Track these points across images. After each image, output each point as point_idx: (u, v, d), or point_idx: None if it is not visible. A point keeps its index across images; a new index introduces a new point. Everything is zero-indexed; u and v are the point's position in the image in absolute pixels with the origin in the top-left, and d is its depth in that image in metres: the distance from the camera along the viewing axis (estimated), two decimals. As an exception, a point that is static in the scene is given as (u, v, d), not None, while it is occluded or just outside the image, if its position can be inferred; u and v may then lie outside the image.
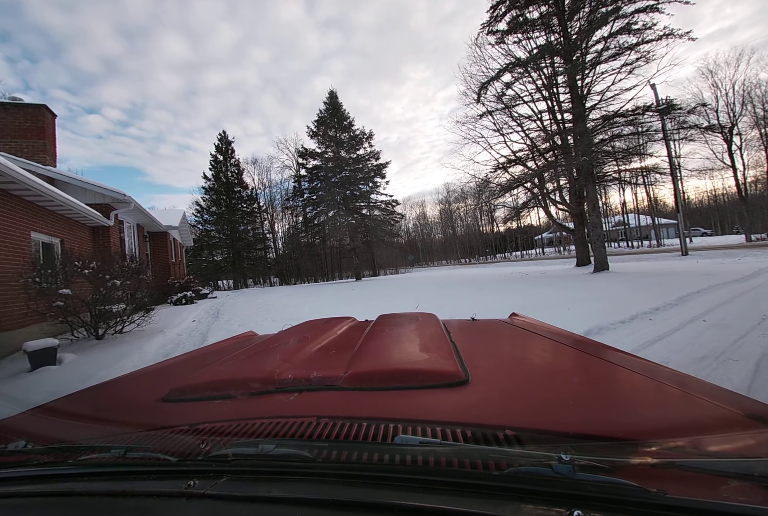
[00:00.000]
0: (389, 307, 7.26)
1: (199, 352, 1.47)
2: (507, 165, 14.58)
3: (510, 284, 10.39)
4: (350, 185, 23.10)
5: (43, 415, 0.87)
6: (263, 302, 10.58)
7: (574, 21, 11.63)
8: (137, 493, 0.49)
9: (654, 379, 0.78)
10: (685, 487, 0.41)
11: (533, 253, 49.41)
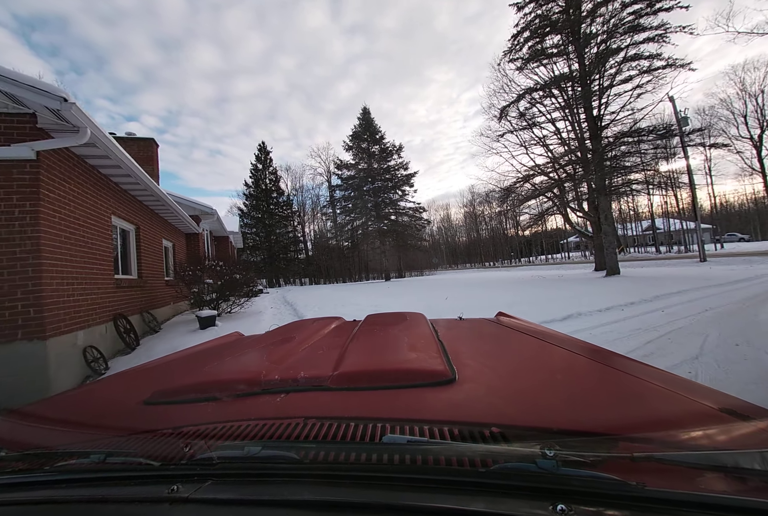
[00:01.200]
0: (423, 299, 8.97)
1: (183, 354, 1.43)
2: (529, 176, 15.82)
3: (523, 285, 11.79)
4: (381, 194, 25.01)
5: (18, 420, 0.84)
6: (318, 295, 12.55)
7: (590, 48, 12.87)
8: (118, 500, 0.47)
9: (634, 376, 0.80)
10: (663, 480, 0.42)
11: (559, 257, 49.31)
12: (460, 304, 7.44)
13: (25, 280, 3.15)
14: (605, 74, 12.82)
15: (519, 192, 16.35)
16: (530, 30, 13.57)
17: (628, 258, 28.21)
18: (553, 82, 13.01)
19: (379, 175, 25.38)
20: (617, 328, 4.69)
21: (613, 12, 11.83)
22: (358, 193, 25.38)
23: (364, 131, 26.06)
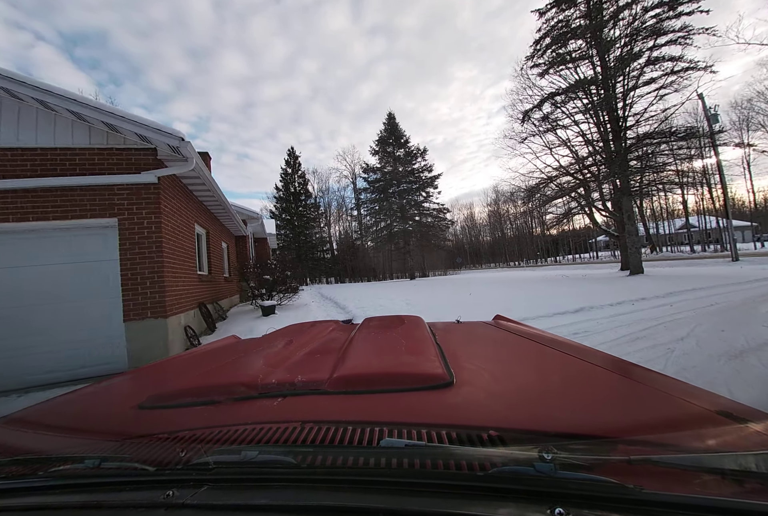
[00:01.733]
0: (449, 295, 9.73)
1: (180, 358, 1.43)
2: (552, 177, 16.10)
3: (543, 283, 12.29)
4: (406, 196, 25.87)
5: (11, 426, 0.84)
6: (351, 291, 13.57)
7: (612, 51, 13.12)
8: (113, 505, 0.47)
9: (632, 379, 0.81)
10: (661, 483, 0.42)
11: (587, 256, 48.20)
12: (482, 299, 8.16)
13: (152, 273, 4.25)
14: (629, 76, 13.03)
15: (543, 192, 16.64)
16: (551, 37, 13.96)
17: (659, 257, 27.50)
18: (575, 86, 13.35)
19: (404, 177, 26.30)
20: (622, 318, 5.30)
21: (635, 16, 12.07)
22: (384, 196, 26.44)
23: (389, 136, 27.12)
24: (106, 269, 4.22)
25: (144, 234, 4.26)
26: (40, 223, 4.09)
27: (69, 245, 4.23)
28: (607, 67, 13.04)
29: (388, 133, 27.29)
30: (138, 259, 4.23)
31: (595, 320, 5.30)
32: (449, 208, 41.39)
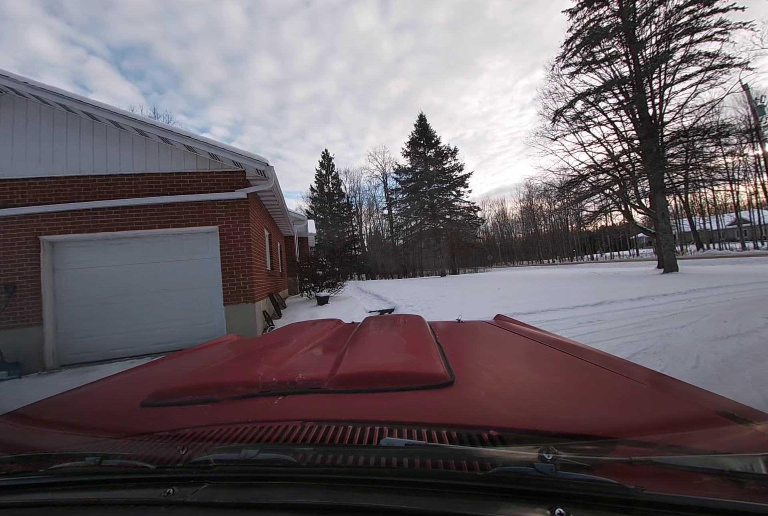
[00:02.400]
0: (478, 290, 10.50)
1: (181, 355, 1.43)
2: (584, 175, 16.18)
3: (571, 280, 12.70)
4: (437, 195, 26.55)
5: (13, 422, 0.84)
6: (387, 286, 14.63)
7: (645, 49, 13.11)
8: (114, 502, 0.48)
9: (632, 379, 0.80)
10: (661, 483, 0.42)
11: (626, 254, 46.25)
12: (509, 294, 8.86)
13: (244, 268, 5.47)
14: (665, 72, 12.97)
15: (579, 189, 16.71)
16: (582, 37, 14.12)
17: (703, 255, 26.25)
18: (607, 85, 13.48)
19: (434, 177, 26.99)
20: (636, 311, 5.90)
21: (668, 13, 12.05)
22: (415, 195, 27.30)
23: (420, 137, 27.92)
24: (210, 265, 5.50)
25: (237, 238, 5.48)
26: (162, 230, 5.42)
27: (182, 247, 5.55)
28: (639, 65, 13.07)
29: (419, 134, 28.09)
30: (233, 257, 5.46)
31: (612, 312, 5.94)
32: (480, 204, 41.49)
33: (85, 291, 5.40)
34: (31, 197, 5.21)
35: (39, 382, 4.56)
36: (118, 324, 5.39)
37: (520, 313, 6.29)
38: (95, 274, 5.42)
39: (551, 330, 4.49)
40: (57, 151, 5.32)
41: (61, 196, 5.25)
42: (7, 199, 5.18)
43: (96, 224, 5.27)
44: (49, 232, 5.21)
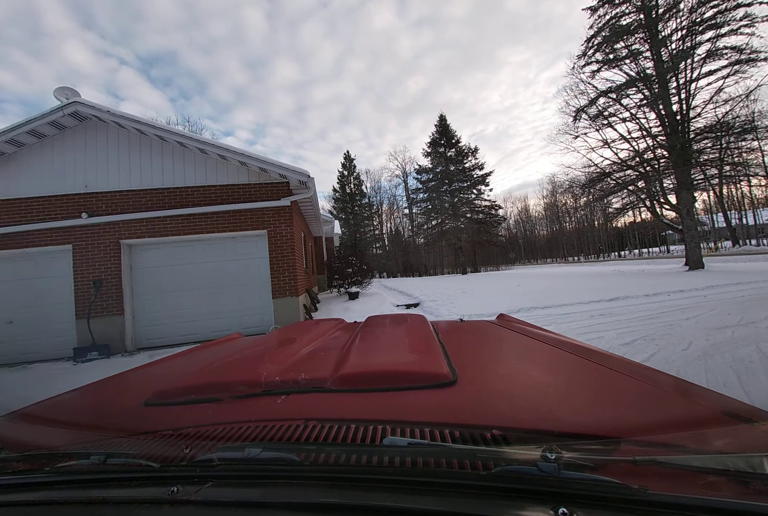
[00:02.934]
0: (499, 286, 10.97)
1: (185, 355, 1.45)
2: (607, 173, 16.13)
3: (592, 277, 12.89)
4: (458, 194, 26.89)
5: (18, 421, 0.85)
6: (410, 284, 15.27)
7: (669, 45, 13.03)
8: (118, 501, 0.48)
9: (636, 379, 0.80)
10: (665, 483, 0.42)
11: (656, 251, 44.63)
12: (528, 289, 9.30)
13: (288, 266, 6.27)
14: (690, 68, 12.87)
15: (601, 187, 16.67)
16: (601, 36, 14.17)
17: (738, 252, 25.25)
18: (629, 83, 13.50)
19: (455, 176, 27.33)
20: (649, 305, 6.27)
21: (692, 8, 11.98)
22: (436, 195, 27.75)
23: (440, 137, 28.32)
24: (260, 264, 6.35)
25: (282, 240, 6.29)
26: (220, 234, 6.30)
27: (236, 248, 6.42)
28: (662, 61, 13.02)
29: (440, 134, 28.49)
30: (279, 256, 6.28)
31: (624, 307, 6.34)
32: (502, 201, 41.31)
33: (156, 286, 6.37)
34: (113, 207, 6.22)
35: (124, 360, 5.52)
36: (182, 314, 6.34)
37: (536, 307, 6.79)
38: (164, 272, 6.39)
39: (564, 321, 5.05)
40: (133, 167, 6.30)
41: (137, 206, 6.22)
42: (94, 209, 6.21)
43: (165, 229, 6.22)
44: (128, 236, 6.20)
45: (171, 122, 38.79)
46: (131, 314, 6.22)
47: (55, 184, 6.23)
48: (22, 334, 6.12)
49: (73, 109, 5.99)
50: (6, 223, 6.09)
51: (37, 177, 6.24)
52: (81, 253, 6.12)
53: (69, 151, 6.30)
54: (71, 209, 6.17)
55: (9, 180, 6.20)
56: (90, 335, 5.87)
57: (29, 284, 6.22)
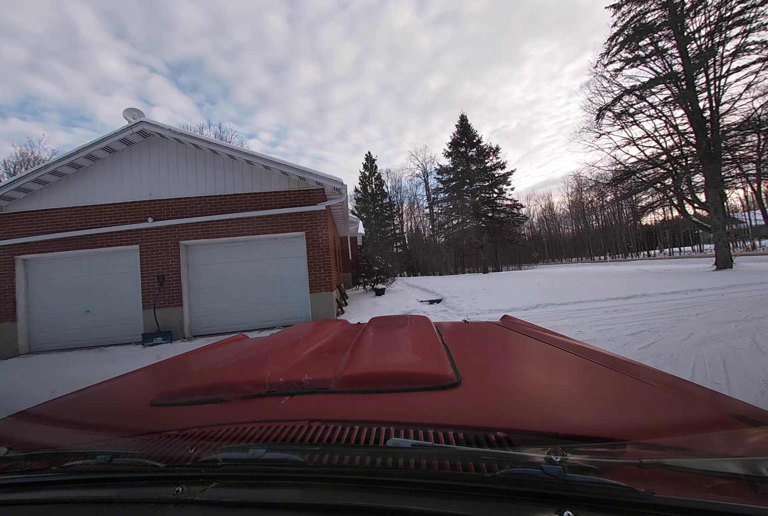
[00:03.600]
0: (518, 284, 11.32)
1: (189, 355, 1.46)
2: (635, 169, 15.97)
3: (613, 277, 13.02)
4: (479, 193, 27.07)
5: (26, 421, 0.86)
6: (432, 281, 15.83)
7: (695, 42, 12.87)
8: (124, 500, 0.48)
9: (642, 381, 0.80)
10: (673, 487, 0.42)
11: (688, 250, 42.83)
12: (547, 287, 9.63)
13: (324, 264, 6.99)
14: (720, 64, 12.67)
15: (626, 185, 16.53)
16: (625, 34, 14.12)
17: (777, 251, 24.12)
18: (653, 82, 13.43)
19: (476, 175, 27.53)
20: (665, 303, 6.55)
21: (719, 4, 11.82)
22: (457, 194, 28.04)
23: (461, 137, 28.58)
24: (298, 262, 7.10)
25: (318, 241, 7.01)
26: (263, 236, 7.09)
27: (277, 248, 7.21)
28: (688, 58, 12.88)
29: (461, 134, 28.76)
30: (315, 255, 7.00)
31: (639, 304, 6.65)
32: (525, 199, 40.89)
33: (208, 281, 7.25)
34: (173, 212, 7.13)
35: (184, 345, 6.39)
36: (231, 306, 7.18)
37: (554, 303, 7.19)
38: (216, 269, 7.25)
39: (578, 316, 5.54)
40: (190, 177, 7.19)
41: (193, 211, 7.11)
42: (157, 214, 7.14)
43: (217, 232, 7.07)
44: (186, 237, 7.09)
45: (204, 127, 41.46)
46: (188, 305, 7.12)
47: (124, 192, 7.21)
48: (97, 322, 7.15)
49: (140, 127, 6.93)
50: (84, 227, 7.12)
51: (108, 186, 7.24)
52: (146, 252, 7.07)
53: (135, 163, 7.27)
54: (138, 214, 7.13)
55: (86, 190, 7.24)
56: (155, 323, 6.80)
57: (103, 279, 7.24)
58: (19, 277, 7.13)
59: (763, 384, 2.63)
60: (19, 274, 7.14)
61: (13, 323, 6.98)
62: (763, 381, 2.68)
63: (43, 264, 7.29)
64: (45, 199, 7.22)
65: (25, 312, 7.13)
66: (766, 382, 2.66)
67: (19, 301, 7.06)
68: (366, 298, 9.14)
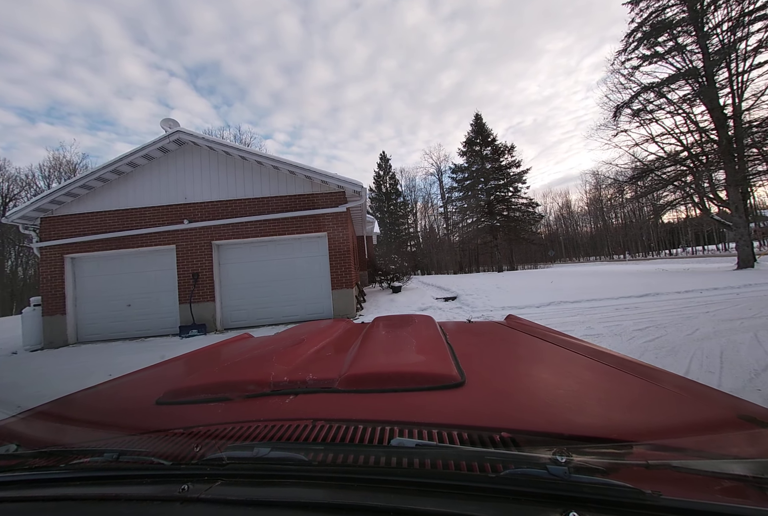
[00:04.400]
0: (532, 283, 11.49)
1: (195, 355, 1.47)
2: (650, 169, 15.82)
3: (629, 276, 13.03)
4: (494, 192, 27.09)
5: (35, 419, 0.87)
6: (446, 280, 16.08)
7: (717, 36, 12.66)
8: (130, 497, 0.49)
9: (648, 381, 0.79)
10: (680, 489, 0.42)
11: (713, 249, 41.49)
12: (561, 286, 9.80)
13: (344, 262, 7.43)
14: (742, 60, 12.44)
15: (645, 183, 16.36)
16: (642, 31, 13.99)
17: (807, 249, 23.25)
18: (671, 79, 13.29)
19: (491, 174, 27.55)
20: (677, 301, 6.69)
21: (741, 0, 11.64)
22: (472, 193, 28.13)
23: (476, 136, 28.66)
24: (321, 261, 7.57)
25: (339, 240, 7.45)
26: (288, 236, 7.58)
27: (301, 247, 7.69)
28: (708, 54, 12.69)
29: (475, 133, 28.83)
30: (337, 254, 7.45)
31: (652, 302, 6.81)
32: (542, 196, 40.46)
33: (237, 278, 7.79)
34: (206, 215, 7.70)
35: (217, 336, 6.93)
36: (258, 301, 7.71)
37: (566, 301, 7.41)
38: (244, 267, 7.79)
39: (590, 313, 5.84)
40: (221, 182, 7.74)
41: (224, 214, 7.66)
42: (192, 216, 7.72)
43: (246, 232, 7.60)
44: (218, 238, 7.65)
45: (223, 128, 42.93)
46: (220, 301, 7.68)
47: (162, 196, 7.82)
48: (137, 315, 7.79)
49: (176, 136, 7.51)
50: (126, 228, 7.77)
51: (147, 191, 7.86)
52: (182, 251, 7.66)
53: (172, 169, 7.87)
54: (174, 216, 7.72)
55: (127, 194, 7.88)
56: (191, 317, 7.38)
57: (143, 276, 7.88)
58: (67, 274, 7.84)
59: (753, 373, 2.88)
60: (67, 272, 7.85)
61: (63, 316, 7.69)
62: (753, 370, 2.93)
63: (88, 262, 7.98)
64: (90, 203, 7.90)
65: (73, 306, 7.84)
66: (756, 371, 2.91)
67: (68, 296, 7.76)
68: (383, 296, 9.54)
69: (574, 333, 4.71)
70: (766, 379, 2.76)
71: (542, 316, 6.23)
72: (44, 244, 7.74)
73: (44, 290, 7.67)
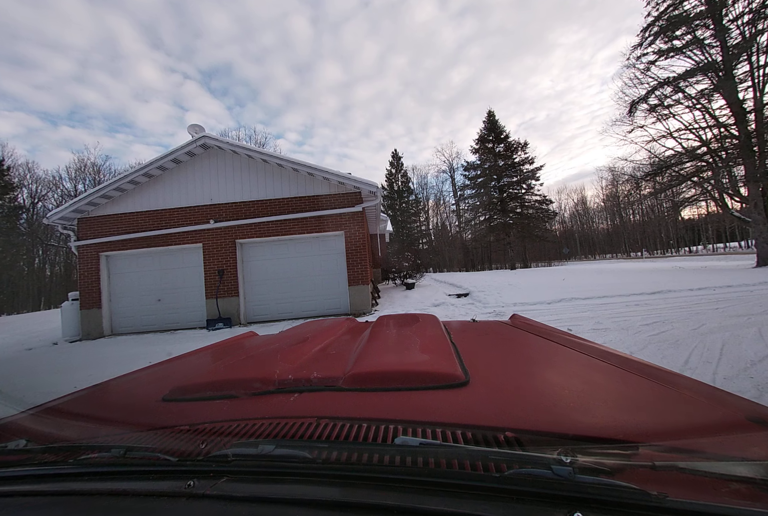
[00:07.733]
0: (544, 280, 11.61)
1: (201, 352, 1.48)
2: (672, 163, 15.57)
3: (642, 273, 13.03)
4: (507, 189, 27.01)
5: (44, 415, 0.88)
6: (458, 277, 16.30)
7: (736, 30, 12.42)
8: (137, 493, 0.50)
9: (655, 382, 0.79)
10: (686, 490, 0.41)
11: (735, 246, 40.23)
12: (573, 284, 9.92)
13: (360, 260, 7.77)
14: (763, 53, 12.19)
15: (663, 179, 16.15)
16: (658, 25, 13.80)
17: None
18: (689, 73, 13.10)
19: (504, 171, 27.46)
20: (688, 298, 6.79)
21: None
22: (484, 190, 28.11)
23: (489, 133, 28.57)
24: (338, 258, 7.93)
25: (355, 239, 7.79)
26: (307, 235, 7.96)
27: (319, 245, 8.06)
28: (727, 48, 12.46)
29: (488, 130, 28.74)
30: (353, 252, 7.79)
31: (663, 299, 6.92)
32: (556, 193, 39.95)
33: (259, 275, 8.22)
34: (230, 215, 8.14)
35: (241, 330, 7.37)
36: (279, 297, 8.12)
37: (577, 298, 7.57)
38: (266, 264, 8.22)
39: (599, 309, 6.08)
40: (244, 184, 8.17)
41: (247, 214, 8.08)
42: (217, 216, 8.17)
43: (268, 231, 8.01)
44: (241, 236, 8.08)
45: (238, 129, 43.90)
46: (243, 296, 8.13)
47: (189, 197, 8.30)
48: (167, 309, 8.31)
49: (203, 142, 7.96)
50: (156, 228, 8.28)
51: (176, 193, 8.35)
52: (208, 250, 8.13)
53: (198, 172, 8.33)
54: (201, 216, 8.19)
55: (157, 195, 8.39)
56: (217, 311, 7.85)
57: (171, 272, 8.39)
58: (102, 271, 8.41)
59: (749, 363, 3.08)
60: (102, 269, 8.42)
61: (99, 310, 8.27)
62: (750, 361, 3.12)
63: (121, 260, 8.54)
64: (123, 204, 8.45)
65: (108, 300, 8.41)
66: (752, 361, 3.10)
67: (103, 291, 8.34)
68: (397, 292, 9.85)
69: (582, 327, 4.93)
70: (761, 368, 2.95)
71: (553, 311, 6.43)
72: (81, 243, 8.33)
73: (82, 285, 8.26)
